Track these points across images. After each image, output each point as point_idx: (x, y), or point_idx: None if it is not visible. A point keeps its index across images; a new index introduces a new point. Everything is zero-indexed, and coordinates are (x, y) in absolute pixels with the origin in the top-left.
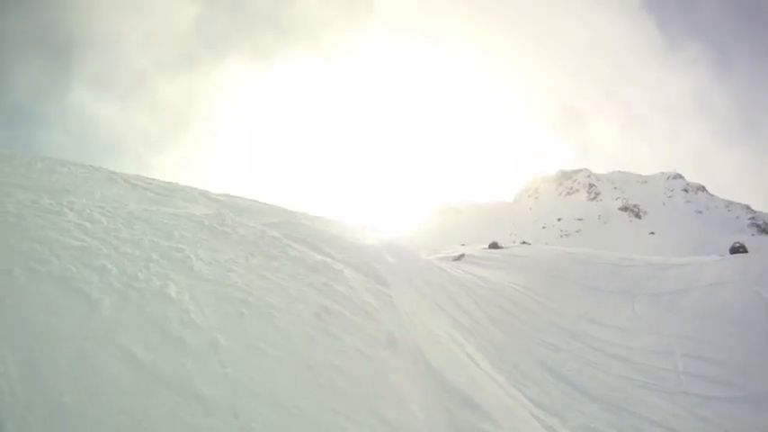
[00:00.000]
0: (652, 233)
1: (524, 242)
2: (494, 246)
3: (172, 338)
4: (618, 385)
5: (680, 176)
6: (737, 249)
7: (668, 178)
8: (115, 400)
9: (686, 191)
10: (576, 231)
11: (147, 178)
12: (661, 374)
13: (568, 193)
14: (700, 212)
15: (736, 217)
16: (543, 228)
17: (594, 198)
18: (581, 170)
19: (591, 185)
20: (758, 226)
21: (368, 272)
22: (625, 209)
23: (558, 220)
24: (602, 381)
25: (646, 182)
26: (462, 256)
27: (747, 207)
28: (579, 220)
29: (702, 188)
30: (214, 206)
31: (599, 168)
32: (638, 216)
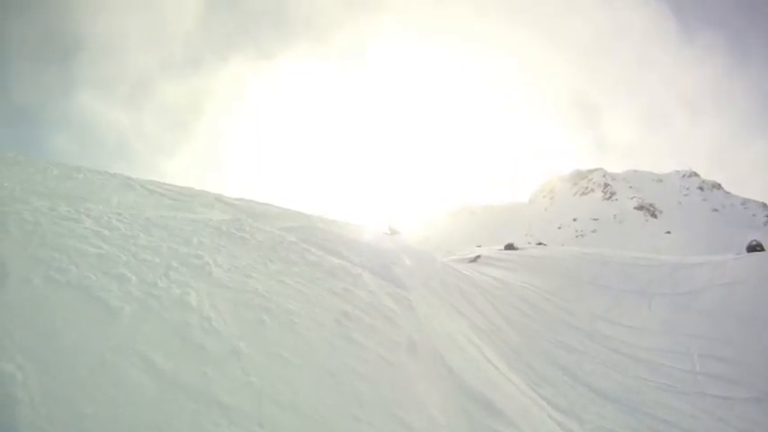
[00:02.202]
0: (668, 232)
1: (540, 243)
2: (509, 247)
3: (193, 346)
4: (634, 386)
5: (695, 174)
6: (754, 248)
7: (683, 176)
8: (136, 410)
9: (702, 189)
10: (592, 231)
11: (164, 184)
12: (678, 375)
13: (584, 193)
14: (716, 210)
15: (753, 215)
16: (559, 228)
17: (610, 198)
18: (596, 169)
19: (606, 185)
20: None
21: (386, 275)
22: (641, 208)
23: (574, 220)
24: (618, 382)
25: (661, 180)
26: (478, 257)
27: (764, 204)
28: (595, 219)
29: (718, 186)
30: (231, 211)
31: (614, 167)
32: (653, 215)
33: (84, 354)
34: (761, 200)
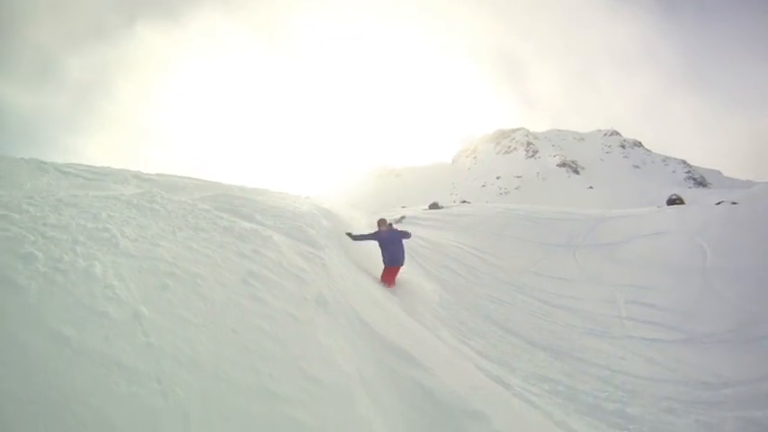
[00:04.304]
0: (590, 188)
1: (464, 201)
2: (434, 206)
3: (96, 314)
4: (564, 334)
5: (617, 133)
6: (674, 201)
7: (605, 135)
8: (43, 379)
9: (623, 147)
10: (516, 188)
11: (80, 165)
12: (605, 321)
13: (507, 152)
14: (637, 167)
15: (673, 171)
16: (483, 186)
17: (533, 156)
18: (519, 129)
19: (529, 144)
20: (695, 179)
21: (300, 236)
22: (563, 165)
23: (498, 178)
24: (548, 330)
25: (583, 139)
26: (403, 218)
27: (684, 162)
28: (518, 177)
29: (639, 144)
30: (146, 186)
31: (537, 126)
32: (576, 172)
33: None
34: (681, 157)
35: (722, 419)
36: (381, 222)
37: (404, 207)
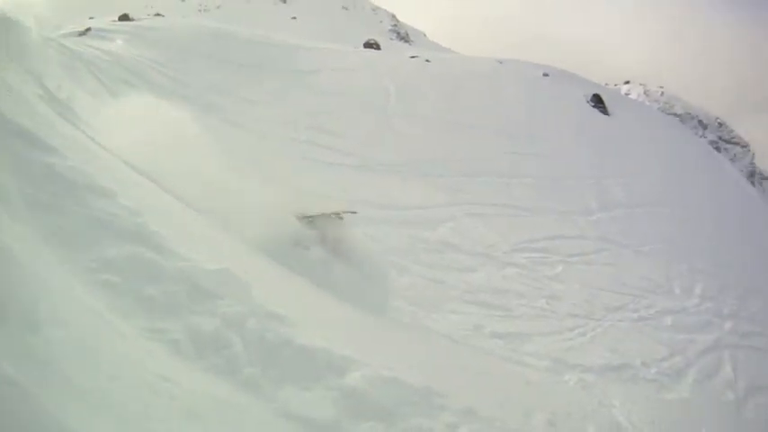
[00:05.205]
0: (294, 18)
1: (158, 14)
2: (124, 18)
3: None
4: (242, 152)
5: None
6: (371, 45)
7: None
8: None
9: None
10: (217, 8)
11: None
12: (285, 142)
13: None
14: (345, 9)
15: (380, 21)
16: (183, 1)
17: None
18: None
19: None
20: (399, 33)
21: None
22: None
23: None
24: (226, 148)
25: None
26: (88, 30)
27: (393, 16)
28: None
29: None
30: None
31: None
32: (283, 1)
33: None
34: (393, 12)
35: (387, 234)
36: None
37: (91, 18)
